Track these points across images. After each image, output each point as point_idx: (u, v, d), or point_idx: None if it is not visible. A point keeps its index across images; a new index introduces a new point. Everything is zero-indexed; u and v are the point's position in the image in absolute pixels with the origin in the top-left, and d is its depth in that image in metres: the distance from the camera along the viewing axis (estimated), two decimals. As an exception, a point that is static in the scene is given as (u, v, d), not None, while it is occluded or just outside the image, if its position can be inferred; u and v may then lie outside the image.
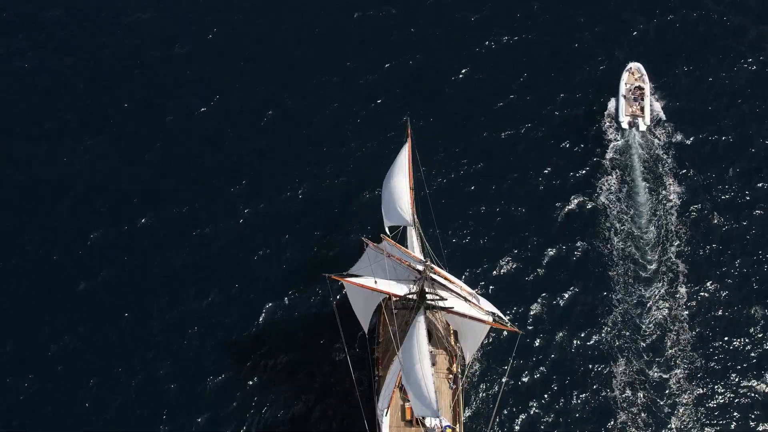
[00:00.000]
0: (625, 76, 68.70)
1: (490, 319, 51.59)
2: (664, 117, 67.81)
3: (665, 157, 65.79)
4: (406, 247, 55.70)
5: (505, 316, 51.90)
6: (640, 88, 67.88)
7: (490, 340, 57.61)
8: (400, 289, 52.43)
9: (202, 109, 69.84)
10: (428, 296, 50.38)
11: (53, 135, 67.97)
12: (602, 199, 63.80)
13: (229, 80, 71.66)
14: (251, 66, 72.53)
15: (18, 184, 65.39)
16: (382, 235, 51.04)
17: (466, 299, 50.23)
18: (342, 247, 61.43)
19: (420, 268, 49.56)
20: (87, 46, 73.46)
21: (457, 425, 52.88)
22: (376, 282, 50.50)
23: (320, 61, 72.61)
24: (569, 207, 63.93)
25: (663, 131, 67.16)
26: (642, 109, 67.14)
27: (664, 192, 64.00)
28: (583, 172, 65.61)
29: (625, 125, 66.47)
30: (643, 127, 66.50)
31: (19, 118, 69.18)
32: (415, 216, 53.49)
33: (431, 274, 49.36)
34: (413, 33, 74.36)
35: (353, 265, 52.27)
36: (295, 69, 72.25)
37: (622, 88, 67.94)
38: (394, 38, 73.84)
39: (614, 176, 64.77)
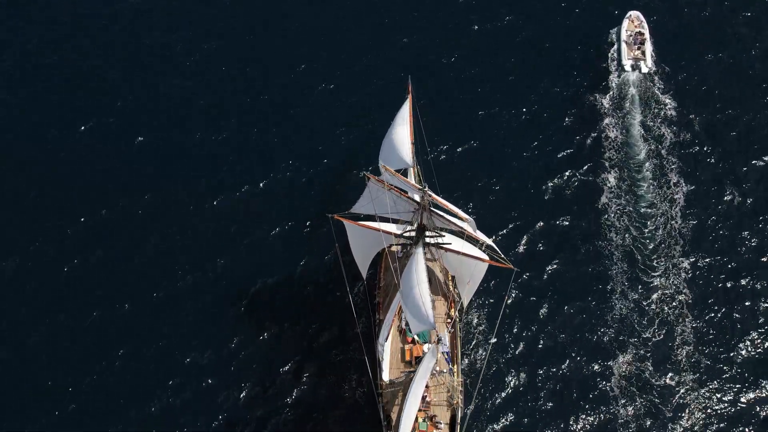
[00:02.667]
0: (625, 23, 69.64)
1: (486, 256, 51.97)
2: (663, 63, 68.54)
3: (666, 99, 66.68)
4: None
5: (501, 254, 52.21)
6: (641, 34, 68.74)
7: (489, 284, 57.55)
8: (400, 227, 52.41)
9: (203, 62, 70.15)
10: (427, 233, 50.34)
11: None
12: (611, 134, 64.86)
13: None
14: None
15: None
16: (380, 164, 50.93)
17: (463, 235, 50.11)
18: (346, 188, 61.44)
19: (418, 198, 49.45)
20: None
21: (455, 366, 52.82)
22: (377, 216, 50.48)
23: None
24: (573, 144, 64.87)
25: (663, 75, 67.88)
26: (643, 53, 68.17)
27: (662, 130, 65.24)
28: (585, 111, 66.56)
29: (627, 68, 67.58)
30: (645, 70, 67.65)
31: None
32: (415, 161, 53.43)
33: (430, 203, 49.32)
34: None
35: (356, 203, 52.35)
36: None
37: (623, 35, 68.78)
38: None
39: (616, 117, 65.75)
